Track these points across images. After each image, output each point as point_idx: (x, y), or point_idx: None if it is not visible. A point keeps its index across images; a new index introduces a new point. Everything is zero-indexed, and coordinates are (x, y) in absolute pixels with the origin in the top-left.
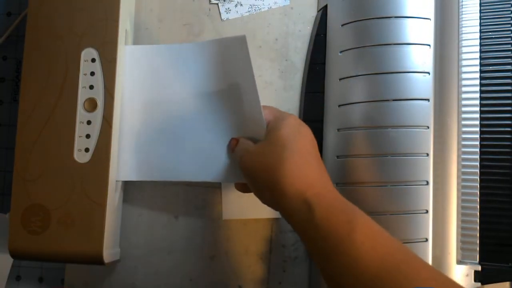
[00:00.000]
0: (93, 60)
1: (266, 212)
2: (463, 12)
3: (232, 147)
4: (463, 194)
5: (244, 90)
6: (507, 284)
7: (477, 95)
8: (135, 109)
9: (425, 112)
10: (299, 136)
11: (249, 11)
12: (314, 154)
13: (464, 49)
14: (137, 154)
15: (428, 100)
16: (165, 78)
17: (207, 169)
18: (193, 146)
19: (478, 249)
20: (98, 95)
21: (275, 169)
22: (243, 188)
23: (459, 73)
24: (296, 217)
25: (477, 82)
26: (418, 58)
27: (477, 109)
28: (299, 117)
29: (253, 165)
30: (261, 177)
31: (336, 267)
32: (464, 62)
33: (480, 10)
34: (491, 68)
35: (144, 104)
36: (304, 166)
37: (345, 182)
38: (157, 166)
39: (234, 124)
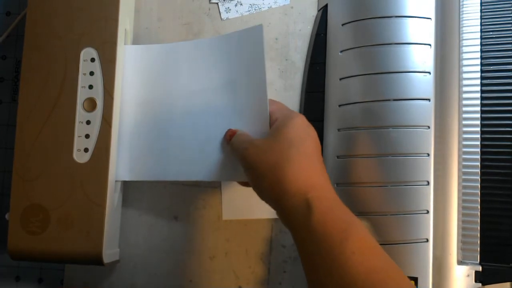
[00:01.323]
0: (93, 59)
1: (266, 212)
2: (464, 12)
3: (228, 138)
4: (464, 194)
5: (251, 85)
6: (508, 284)
7: (478, 94)
8: (133, 109)
9: (425, 112)
10: (306, 137)
11: (249, 11)
12: (318, 156)
13: (465, 49)
14: (133, 154)
15: (429, 100)
16: (164, 77)
17: (204, 169)
18: (190, 146)
19: (478, 249)
20: (98, 95)
21: (280, 167)
22: (245, 182)
23: (460, 72)
24: (293, 217)
25: (478, 82)
26: (419, 58)
27: (478, 109)
28: None
29: (257, 160)
30: (264, 173)
31: (322, 274)
32: (465, 62)
33: (481, 9)
34: (492, 68)
35: (143, 104)
36: (309, 167)
37: (345, 182)
38: (153, 166)
39: (234, 122)
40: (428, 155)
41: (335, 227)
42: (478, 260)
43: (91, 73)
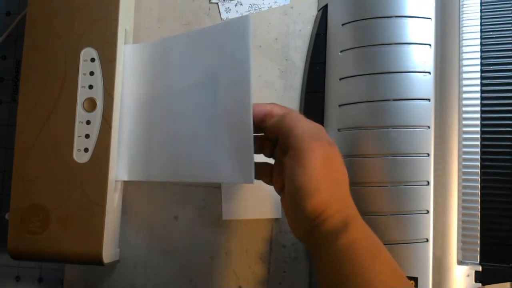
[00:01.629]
0: (93, 59)
1: (266, 212)
2: (464, 12)
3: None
4: (464, 194)
5: (234, 81)
6: (508, 284)
7: (478, 94)
8: (134, 108)
9: (425, 112)
10: (339, 157)
11: (249, 11)
12: (347, 175)
13: (464, 49)
14: (133, 154)
15: (429, 100)
16: (160, 75)
17: (204, 169)
18: (189, 145)
19: (478, 249)
20: (98, 95)
21: (342, 182)
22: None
23: (460, 72)
24: (325, 234)
25: (478, 81)
26: (419, 58)
27: (478, 109)
28: None
29: (321, 166)
30: (312, 193)
31: None
32: (465, 62)
33: (481, 9)
34: (492, 67)
35: (142, 103)
36: (345, 183)
37: None
38: (153, 166)
39: (217, 122)
40: (428, 155)
41: (366, 245)
42: (478, 260)
43: (91, 73)
